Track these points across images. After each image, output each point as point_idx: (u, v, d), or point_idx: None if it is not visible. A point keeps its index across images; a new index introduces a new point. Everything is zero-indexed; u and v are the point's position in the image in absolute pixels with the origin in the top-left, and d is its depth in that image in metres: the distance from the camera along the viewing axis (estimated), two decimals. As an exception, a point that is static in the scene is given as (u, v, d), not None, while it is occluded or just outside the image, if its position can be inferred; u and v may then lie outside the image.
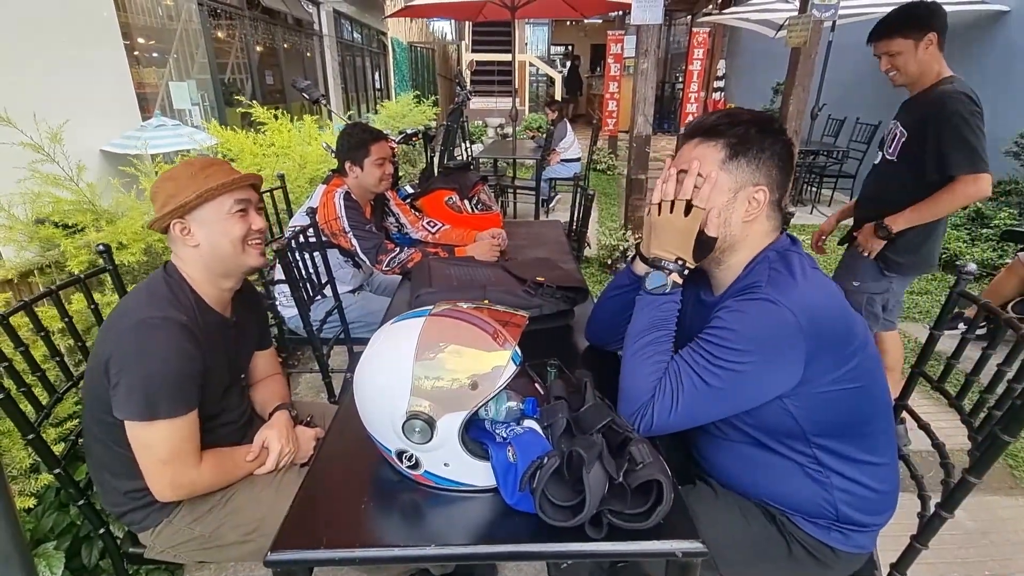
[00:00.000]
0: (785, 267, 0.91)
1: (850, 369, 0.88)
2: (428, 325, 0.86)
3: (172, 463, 1.01)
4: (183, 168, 1.08)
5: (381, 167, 2.04)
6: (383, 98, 9.33)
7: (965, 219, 4.20)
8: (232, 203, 1.08)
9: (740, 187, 0.93)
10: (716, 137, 0.93)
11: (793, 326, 0.84)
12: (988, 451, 0.92)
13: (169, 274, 1.09)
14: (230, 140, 3.08)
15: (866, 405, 0.93)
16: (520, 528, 0.81)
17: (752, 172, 0.92)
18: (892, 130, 1.91)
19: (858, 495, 0.95)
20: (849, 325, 0.89)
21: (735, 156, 0.92)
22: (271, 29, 5.80)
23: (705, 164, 0.93)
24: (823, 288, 0.90)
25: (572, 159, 5.59)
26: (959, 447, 1.12)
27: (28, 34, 2.50)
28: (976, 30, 4.73)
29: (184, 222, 1.06)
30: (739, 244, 0.96)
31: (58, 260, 1.95)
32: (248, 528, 1.12)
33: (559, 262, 1.85)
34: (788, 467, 0.96)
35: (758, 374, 0.87)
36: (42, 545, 1.35)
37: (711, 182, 0.92)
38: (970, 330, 1.09)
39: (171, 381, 0.98)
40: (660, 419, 0.90)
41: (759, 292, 0.89)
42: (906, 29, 1.68)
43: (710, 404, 0.90)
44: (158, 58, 4.25)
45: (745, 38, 9.29)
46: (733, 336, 0.87)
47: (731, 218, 0.94)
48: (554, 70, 12.44)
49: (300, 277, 1.74)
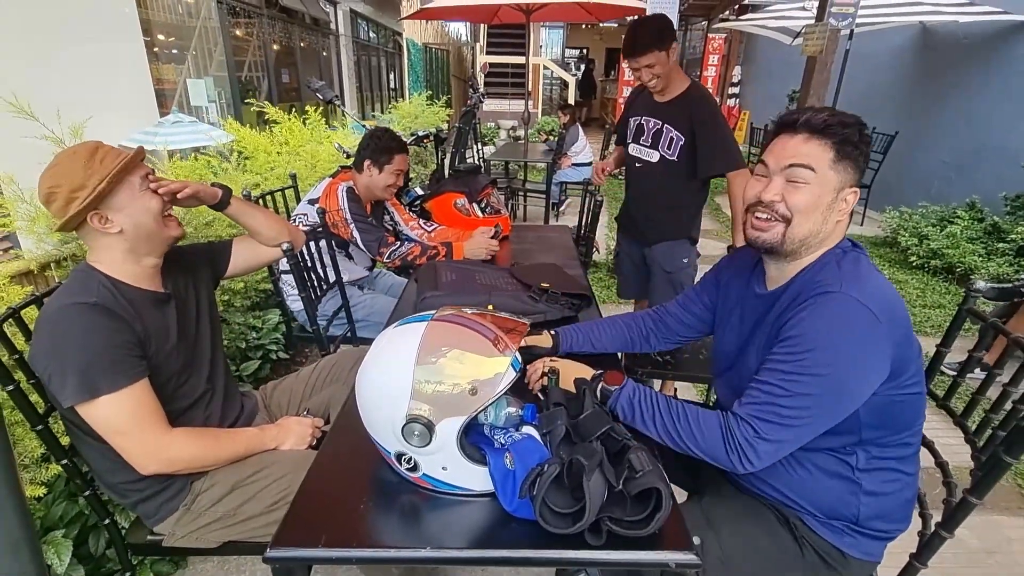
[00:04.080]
0: (855, 265, 0.92)
1: (914, 373, 0.91)
2: (430, 330, 0.87)
3: (135, 433, 1.02)
4: (69, 162, 1.03)
5: (396, 177, 2.11)
6: (397, 98, 9.39)
7: (981, 233, 4.14)
8: (139, 180, 1.08)
9: (842, 187, 0.93)
10: (827, 136, 0.92)
11: (876, 322, 0.84)
12: (990, 472, 0.91)
13: (80, 269, 1.09)
14: (246, 138, 3.12)
15: (916, 412, 0.94)
16: (516, 534, 0.82)
17: (853, 173, 0.93)
18: (653, 129, 2.06)
19: (883, 501, 0.96)
20: (910, 326, 0.91)
21: (843, 157, 0.92)
22: (288, 28, 5.87)
23: (812, 159, 0.92)
24: (890, 287, 0.91)
25: (584, 163, 5.59)
26: (965, 465, 1.11)
27: (50, 31, 2.55)
28: (998, 41, 4.66)
29: (100, 211, 1.04)
30: (827, 239, 0.96)
31: (74, 253, 1.99)
32: (272, 499, 1.13)
33: (565, 267, 1.86)
34: (826, 463, 0.97)
35: (848, 377, 0.86)
36: (51, 533, 1.38)
37: (818, 181, 0.92)
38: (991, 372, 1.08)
39: (99, 357, 0.98)
40: (763, 445, 0.88)
41: (832, 287, 0.88)
42: (657, 43, 1.86)
43: (814, 422, 0.88)
44: (177, 55, 4.32)
45: (761, 45, 9.23)
46: (813, 339, 0.86)
47: (829, 216, 0.94)
48: (568, 73, 12.44)
49: (307, 268, 1.76)
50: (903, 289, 3.91)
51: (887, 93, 6.05)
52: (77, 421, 1.03)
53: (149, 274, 1.15)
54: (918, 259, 4.23)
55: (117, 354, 1.00)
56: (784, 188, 0.94)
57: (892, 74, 6.00)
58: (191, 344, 1.22)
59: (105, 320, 1.01)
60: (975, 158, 4.85)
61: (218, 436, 1.16)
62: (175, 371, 1.15)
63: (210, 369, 1.26)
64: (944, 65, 5.26)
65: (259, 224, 1.39)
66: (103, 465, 1.10)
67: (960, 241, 4.05)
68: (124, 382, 1.00)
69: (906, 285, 3.99)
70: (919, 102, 5.56)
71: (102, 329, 1.00)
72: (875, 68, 6.11)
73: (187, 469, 1.11)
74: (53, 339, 0.98)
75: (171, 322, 1.17)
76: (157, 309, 1.14)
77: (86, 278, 1.07)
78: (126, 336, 1.03)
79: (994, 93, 4.69)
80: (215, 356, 1.29)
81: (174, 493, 1.14)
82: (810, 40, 2.96)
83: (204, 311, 1.29)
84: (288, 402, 1.46)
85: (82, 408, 0.99)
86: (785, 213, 0.94)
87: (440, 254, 2.02)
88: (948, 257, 4.01)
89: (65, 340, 0.98)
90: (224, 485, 1.14)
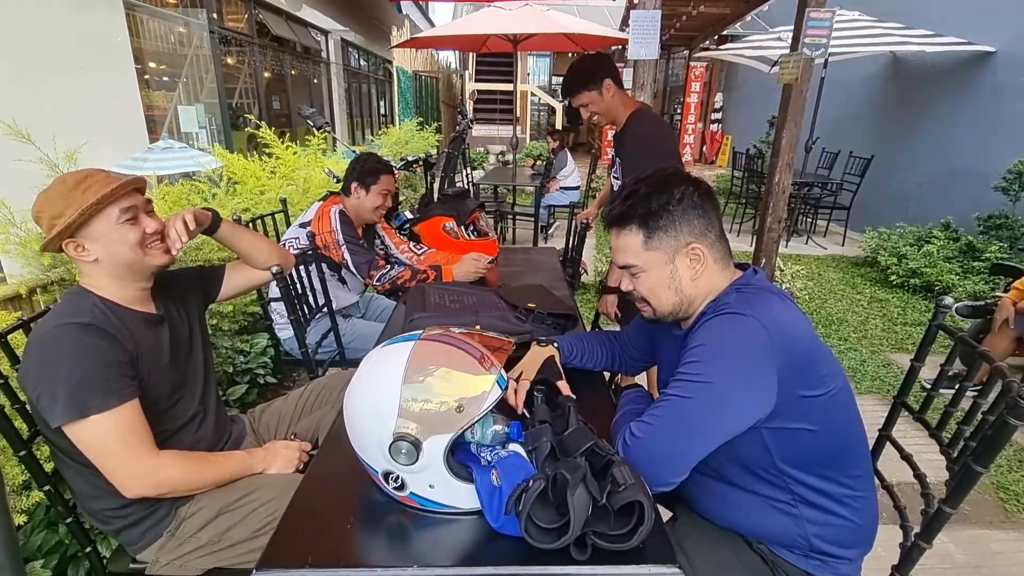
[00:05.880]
0: (753, 291, 0.94)
1: (822, 395, 0.89)
2: (417, 349, 0.89)
3: (122, 455, 1.01)
4: (58, 186, 1.04)
5: (383, 197, 2.14)
6: (387, 124, 9.51)
7: (957, 252, 4.26)
8: (118, 213, 1.06)
9: (674, 254, 0.96)
10: (629, 223, 0.96)
11: (763, 337, 0.85)
12: (962, 481, 0.94)
13: (74, 291, 1.10)
14: (234, 163, 3.15)
15: (840, 436, 0.94)
16: (503, 551, 0.83)
17: (676, 235, 0.95)
18: (613, 160, 2.15)
19: (832, 527, 0.96)
20: (818, 350, 0.91)
21: (654, 231, 0.95)
22: (279, 56, 5.96)
23: (630, 254, 0.98)
24: (791, 310, 0.92)
25: (572, 187, 5.69)
26: (944, 478, 1.13)
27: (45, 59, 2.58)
28: (965, 70, 4.87)
29: (76, 240, 1.05)
30: (698, 298, 0.99)
31: (63, 278, 1.98)
32: (259, 525, 1.12)
33: (552, 288, 1.89)
34: (754, 501, 0.97)
35: (732, 388, 0.86)
36: (29, 564, 1.35)
37: (646, 267, 0.97)
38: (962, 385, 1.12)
39: (90, 376, 0.98)
40: (638, 439, 0.89)
41: (726, 309, 0.91)
42: (587, 83, 1.91)
43: (689, 425, 0.87)
44: (168, 82, 4.37)
45: (742, 72, 9.52)
46: (702, 350, 0.88)
47: (681, 284, 0.97)
48: (555, 99, 12.71)
49: (296, 295, 1.77)
50: (884, 307, 4.00)
51: (862, 118, 6.26)
52: (63, 445, 1.02)
53: (140, 296, 1.16)
54: (898, 278, 4.32)
55: (109, 373, 1.01)
56: (632, 280, 1.01)
57: (867, 100, 6.22)
58: (183, 365, 1.22)
59: (98, 340, 1.01)
60: (948, 180, 5.02)
61: (206, 459, 1.16)
62: (166, 392, 1.15)
63: (202, 391, 1.26)
64: (915, 92, 5.47)
65: (249, 247, 1.41)
66: (87, 491, 1.09)
67: (937, 260, 4.16)
68: (115, 402, 1.00)
69: (887, 304, 4.07)
70: (893, 127, 5.75)
71: (94, 348, 1.00)
72: (850, 95, 6.33)
73: (173, 493, 1.10)
74: (44, 359, 0.98)
75: (164, 343, 1.17)
76: (150, 330, 1.15)
77: (79, 300, 1.08)
78: (118, 356, 1.03)
79: (964, 119, 4.88)
80: (207, 378, 1.30)
81: (159, 519, 1.13)
82: (786, 69, 3.07)
83: (196, 333, 1.30)
84: (276, 425, 1.46)
85: (71, 428, 0.98)
86: (644, 298, 1.01)
87: (430, 277, 2.04)
88: (926, 276, 4.11)
89: (57, 359, 0.98)
90: (210, 510, 1.13)
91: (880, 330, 3.63)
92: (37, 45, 2.60)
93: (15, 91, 2.30)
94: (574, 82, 1.93)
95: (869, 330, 3.62)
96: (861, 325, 3.70)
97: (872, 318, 3.82)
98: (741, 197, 6.33)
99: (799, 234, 6.01)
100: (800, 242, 5.83)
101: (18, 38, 2.50)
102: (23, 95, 2.29)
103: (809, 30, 2.93)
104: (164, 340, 1.18)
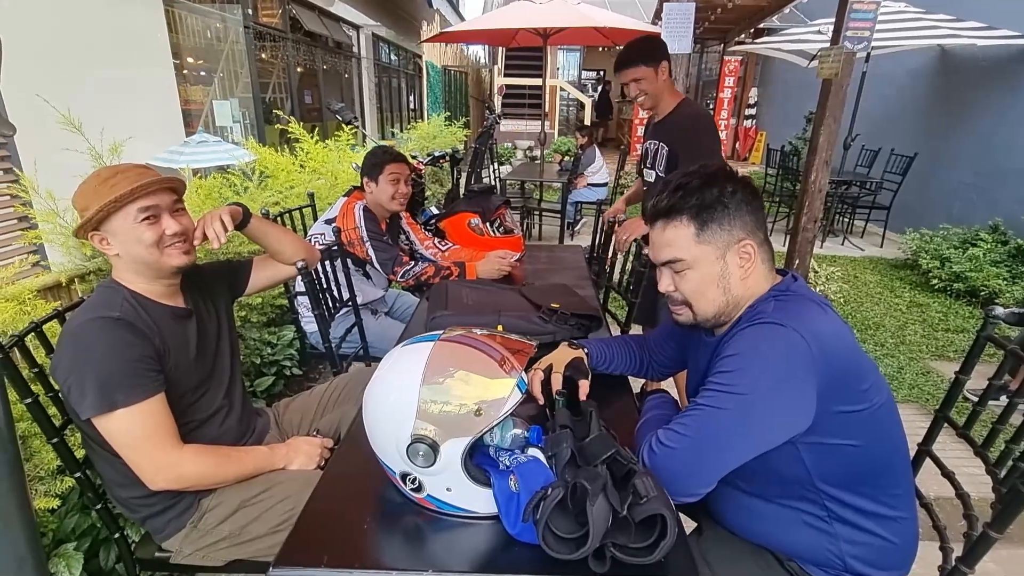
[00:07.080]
0: (792, 299, 0.90)
1: (863, 411, 0.85)
2: (437, 349, 0.88)
3: (146, 448, 1.03)
4: (92, 179, 1.07)
5: (394, 184, 2.12)
6: (417, 118, 9.56)
7: (1005, 256, 4.05)
8: (136, 212, 1.06)
9: (725, 250, 0.91)
10: (680, 215, 0.91)
11: (803, 350, 0.81)
12: (1010, 505, 0.88)
13: (106, 284, 1.12)
14: (267, 157, 3.21)
15: (880, 454, 0.89)
16: (520, 558, 0.81)
17: (729, 229, 0.91)
18: (653, 150, 2.12)
19: (869, 546, 0.91)
20: (861, 363, 0.87)
21: (707, 224, 0.90)
22: (312, 51, 6.04)
23: (677, 248, 0.92)
24: (833, 320, 0.88)
25: (600, 183, 5.62)
26: (988, 496, 1.07)
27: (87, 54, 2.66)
28: (1018, 64, 4.62)
29: (100, 233, 1.08)
30: (743, 301, 0.94)
31: (100, 268, 2.05)
32: (277, 520, 1.13)
33: (577, 288, 1.86)
34: (786, 515, 0.93)
35: (766, 401, 0.82)
36: (63, 545, 1.39)
37: (695, 263, 0.92)
38: (1012, 401, 1.05)
39: (118, 370, 1.00)
40: (665, 447, 0.86)
41: (763, 318, 0.87)
42: (645, 58, 1.93)
43: (720, 437, 0.85)
44: (204, 76, 4.47)
45: (778, 66, 9.24)
46: (736, 360, 0.84)
47: (730, 282, 0.92)
48: (584, 95, 12.57)
49: (321, 289, 1.78)
50: (924, 312, 3.83)
51: (905, 114, 6.00)
52: (92, 434, 1.05)
53: (168, 291, 1.18)
54: (940, 282, 4.14)
55: (136, 368, 1.03)
56: (673, 279, 0.95)
57: (911, 95, 5.96)
58: (210, 359, 1.24)
59: (127, 334, 1.03)
60: (997, 180, 4.77)
61: (228, 454, 1.17)
62: (192, 385, 1.17)
63: (228, 385, 1.28)
64: (964, 87, 5.21)
65: (276, 242, 1.42)
66: (115, 479, 1.12)
67: (983, 264, 3.96)
68: (141, 396, 1.02)
69: (927, 309, 3.90)
70: (939, 123, 5.50)
71: (123, 343, 1.03)
72: (893, 90, 6.07)
73: (196, 486, 1.12)
74: (76, 352, 1.01)
75: (191, 336, 1.19)
76: (178, 324, 1.17)
77: (111, 293, 1.10)
78: (146, 350, 1.05)
79: (1017, 115, 4.62)
80: (233, 373, 1.31)
81: (182, 510, 1.15)
82: (825, 63, 2.95)
83: (224, 327, 1.32)
84: (300, 421, 1.47)
85: (98, 421, 1.01)
86: (685, 300, 0.95)
87: (453, 274, 2.03)
88: (971, 280, 3.92)
89: (87, 353, 1.00)
90: (230, 504, 1.15)
91: (919, 336, 3.48)
92: (79, 41, 2.68)
93: (58, 87, 2.37)
94: (634, 54, 1.95)
95: (907, 336, 3.47)
96: (899, 331, 3.55)
97: (911, 323, 3.67)
98: (775, 195, 6.15)
99: (835, 234, 5.81)
100: (836, 243, 5.64)
101: (62, 34, 2.58)
102: (66, 91, 2.37)
103: (852, 23, 2.81)
104: (192, 334, 1.20)
